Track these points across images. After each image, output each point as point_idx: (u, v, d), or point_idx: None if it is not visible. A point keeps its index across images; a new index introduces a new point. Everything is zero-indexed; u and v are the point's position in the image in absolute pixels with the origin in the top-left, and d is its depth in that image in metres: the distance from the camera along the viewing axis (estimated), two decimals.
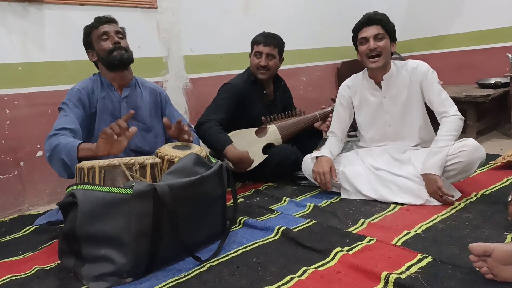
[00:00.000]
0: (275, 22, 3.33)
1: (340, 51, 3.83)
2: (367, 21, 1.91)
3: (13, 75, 2.17)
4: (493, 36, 3.38)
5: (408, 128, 2.01)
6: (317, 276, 1.24)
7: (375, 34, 1.89)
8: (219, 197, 1.56)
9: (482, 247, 1.09)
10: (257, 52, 2.36)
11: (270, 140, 2.36)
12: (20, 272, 1.44)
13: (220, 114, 2.26)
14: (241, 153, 2.15)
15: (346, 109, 2.14)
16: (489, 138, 3.03)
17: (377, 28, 1.90)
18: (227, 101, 2.31)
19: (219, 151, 2.17)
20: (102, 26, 1.87)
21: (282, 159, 2.24)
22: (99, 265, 1.30)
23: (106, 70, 1.89)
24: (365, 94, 2.06)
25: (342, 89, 2.16)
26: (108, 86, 1.91)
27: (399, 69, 1.99)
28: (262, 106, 2.45)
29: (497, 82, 3.05)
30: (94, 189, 1.30)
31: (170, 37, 2.77)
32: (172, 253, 1.40)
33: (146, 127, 1.98)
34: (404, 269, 1.22)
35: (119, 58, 1.84)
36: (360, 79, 2.09)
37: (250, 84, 2.40)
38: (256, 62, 2.36)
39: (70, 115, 1.76)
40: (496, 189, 1.88)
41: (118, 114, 1.89)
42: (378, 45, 1.89)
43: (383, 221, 1.65)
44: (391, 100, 2.00)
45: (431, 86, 1.90)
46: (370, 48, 1.89)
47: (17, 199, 2.22)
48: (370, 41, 1.90)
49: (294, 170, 2.26)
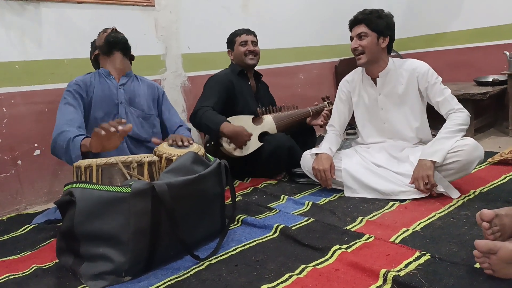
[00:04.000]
0: (273, 20, 3.34)
1: (338, 49, 3.83)
2: (353, 21, 1.99)
3: (10, 73, 2.16)
4: (490, 34, 3.39)
5: (404, 126, 2.01)
6: (316, 274, 1.24)
7: (357, 34, 1.96)
8: (217, 196, 1.56)
9: (488, 245, 1.10)
10: (242, 42, 2.49)
11: (266, 129, 2.41)
12: (18, 271, 1.44)
13: (212, 100, 2.32)
14: (237, 127, 2.21)
15: (345, 104, 2.16)
16: (487, 136, 3.04)
17: (361, 27, 1.95)
18: (216, 89, 2.38)
19: (215, 131, 2.20)
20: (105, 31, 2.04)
21: (277, 146, 2.26)
22: (98, 263, 1.30)
23: (105, 56, 1.98)
24: (363, 90, 2.09)
25: (342, 84, 2.19)
26: (106, 75, 1.97)
27: (397, 67, 2.00)
28: (249, 96, 2.52)
29: (494, 80, 3.05)
30: (91, 188, 1.30)
31: (168, 35, 2.77)
32: (171, 251, 1.40)
33: (144, 114, 2.02)
34: (402, 267, 1.23)
35: (113, 37, 1.96)
36: (359, 75, 2.11)
37: (235, 75, 2.50)
38: (244, 49, 2.48)
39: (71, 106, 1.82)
40: (494, 187, 1.89)
41: (116, 100, 1.94)
42: (359, 44, 1.95)
43: (381, 218, 1.65)
44: (386, 97, 2.01)
45: (434, 88, 1.90)
46: (352, 47, 1.98)
47: (14, 198, 2.21)
48: (352, 41, 1.97)
49: (288, 159, 2.28)
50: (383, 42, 1.95)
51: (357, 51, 1.96)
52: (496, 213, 1.20)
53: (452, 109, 1.87)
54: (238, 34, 2.52)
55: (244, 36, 2.49)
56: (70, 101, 1.84)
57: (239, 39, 2.50)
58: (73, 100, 1.85)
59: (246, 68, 2.53)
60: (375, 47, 1.94)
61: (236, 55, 2.53)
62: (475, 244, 1.12)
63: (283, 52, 3.46)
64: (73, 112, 1.82)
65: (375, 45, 1.94)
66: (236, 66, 2.53)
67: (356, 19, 1.97)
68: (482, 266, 1.13)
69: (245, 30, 2.53)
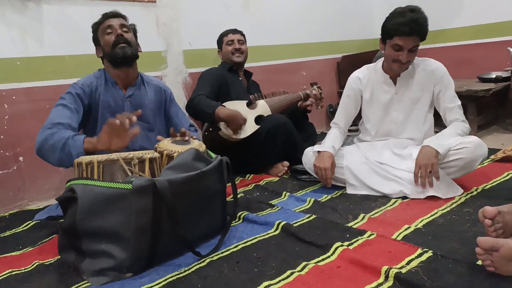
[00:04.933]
0: (275, 16, 3.33)
1: (341, 45, 3.81)
2: (410, 31, 1.73)
3: (11, 69, 2.16)
4: (494, 30, 3.36)
5: (414, 129, 1.98)
6: (317, 271, 1.24)
7: (412, 47, 1.78)
8: (219, 192, 1.56)
9: (490, 242, 1.09)
10: (229, 41, 2.63)
11: (260, 112, 2.45)
12: (20, 267, 1.44)
13: (207, 89, 2.39)
14: (232, 110, 2.26)
15: (353, 101, 2.08)
16: (490, 133, 3.02)
17: (416, 40, 1.77)
18: (210, 81, 2.46)
19: (211, 115, 2.24)
20: (108, 20, 1.85)
21: (273, 125, 2.29)
22: (99, 260, 1.30)
23: (111, 66, 1.87)
24: (377, 88, 2.01)
25: (352, 81, 2.07)
26: (113, 85, 1.89)
27: (415, 67, 1.94)
28: (241, 89, 2.61)
29: (498, 77, 3.03)
30: (93, 184, 1.30)
31: (169, 31, 2.76)
32: (172, 248, 1.40)
33: (149, 127, 1.96)
34: (404, 264, 1.22)
35: (122, 55, 1.81)
36: (373, 72, 2.03)
37: (226, 70, 2.60)
38: (231, 48, 2.62)
39: (68, 109, 1.73)
40: (497, 184, 1.88)
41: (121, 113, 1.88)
42: (410, 58, 1.81)
43: (383, 215, 1.65)
44: (402, 98, 1.96)
45: (447, 93, 1.88)
46: (402, 61, 1.80)
47: (16, 194, 2.21)
48: (404, 53, 1.78)
49: (285, 137, 2.31)
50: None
51: (408, 64, 1.84)
52: (498, 210, 1.20)
53: (458, 119, 1.87)
54: (225, 34, 2.66)
55: (231, 36, 2.64)
56: (68, 104, 1.74)
57: (226, 38, 2.65)
58: (73, 104, 1.75)
59: (235, 65, 2.65)
60: None
61: (224, 54, 2.67)
62: (477, 241, 1.11)
63: (285, 49, 3.44)
64: (69, 116, 1.71)
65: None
66: (226, 64, 2.66)
67: (415, 30, 1.74)
68: (484, 264, 1.13)
69: (231, 30, 2.67)
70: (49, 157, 1.64)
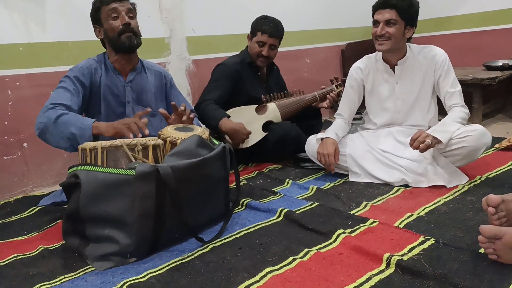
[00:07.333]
0: (279, 2, 3.28)
1: (345, 32, 3.77)
2: (383, 4, 1.84)
3: (14, 55, 2.15)
4: (500, 17, 3.31)
5: (418, 117, 1.97)
6: (319, 257, 1.25)
7: (386, 19, 1.82)
8: (222, 179, 1.56)
9: (493, 231, 1.10)
10: (260, 41, 2.33)
11: (269, 118, 2.37)
12: (26, 252, 1.46)
13: (216, 93, 2.28)
14: (235, 124, 2.18)
15: (356, 92, 2.08)
16: (495, 121, 3.00)
17: (391, 13, 1.81)
18: (222, 81, 2.33)
19: (215, 126, 2.18)
20: (114, 2, 1.80)
21: (282, 135, 2.24)
22: (103, 245, 1.31)
23: (112, 50, 1.86)
24: (378, 77, 2.01)
25: (353, 71, 2.08)
26: (113, 70, 1.87)
27: (415, 54, 1.93)
28: (258, 86, 2.46)
29: (504, 65, 3.00)
30: (96, 170, 1.31)
31: (172, 17, 2.73)
32: (175, 234, 1.41)
33: (151, 112, 1.95)
34: (406, 251, 1.23)
35: (128, 45, 1.80)
36: (373, 61, 2.03)
37: (245, 65, 2.40)
38: (258, 50, 2.34)
39: (68, 91, 1.73)
40: (500, 172, 1.87)
41: (123, 99, 1.88)
42: (387, 31, 1.82)
43: (386, 203, 1.65)
44: (403, 86, 1.95)
45: (447, 77, 1.87)
46: (377, 34, 1.85)
47: (21, 180, 2.23)
48: (379, 26, 1.84)
49: (294, 147, 2.27)
50: (408, 32, 1.87)
51: (383, 37, 1.85)
52: (502, 198, 1.19)
53: (458, 103, 1.85)
54: (262, 31, 2.32)
55: (266, 37, 2.31)
56: (68, 87, 1.73)
57: (260, 36, 2.32)
58: (72, 86, 1.74)
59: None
60: (401, 36, 1.86)
61: (251, 48, 2.40)
62: (480, 229, 1.12)
63: (289, 36, 3.37)
64: (69, 98, 1.70)
65: (401, 34, 1.85)
66: (247, 56, 2.42)
67: (388, 3, 1.82)
68: (487, 252, 1.14)
69: (271, 30, 2.31)
70: (53, 140, 1.63)
